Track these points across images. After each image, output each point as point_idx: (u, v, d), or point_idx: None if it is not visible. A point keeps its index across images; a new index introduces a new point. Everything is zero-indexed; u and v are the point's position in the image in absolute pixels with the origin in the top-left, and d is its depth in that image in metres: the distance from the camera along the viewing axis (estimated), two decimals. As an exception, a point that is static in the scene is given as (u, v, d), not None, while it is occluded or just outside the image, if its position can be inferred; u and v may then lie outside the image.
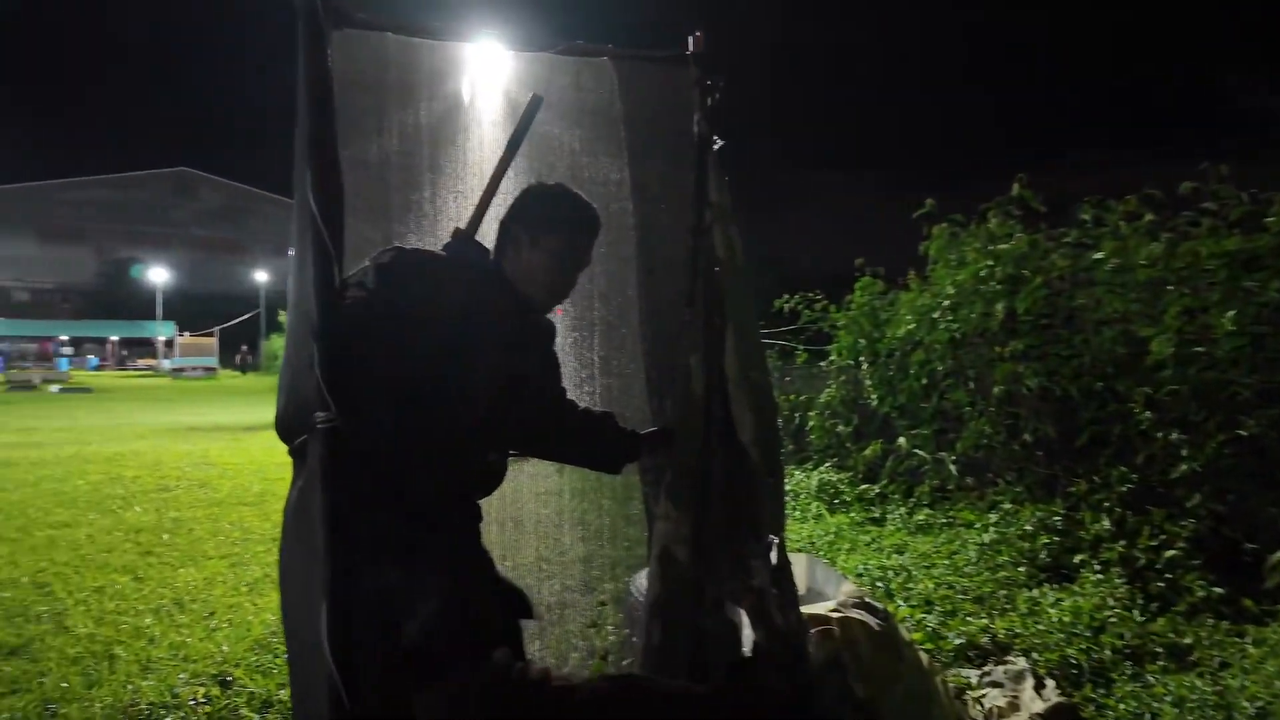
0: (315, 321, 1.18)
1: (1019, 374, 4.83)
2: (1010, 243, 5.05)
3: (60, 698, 2.83)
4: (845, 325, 6.62)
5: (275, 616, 3.63)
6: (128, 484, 7.16)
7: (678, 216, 2.26)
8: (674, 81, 2.28)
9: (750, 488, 2.19)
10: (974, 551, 4.38)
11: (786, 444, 7.41)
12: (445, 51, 2.06)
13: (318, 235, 1.18)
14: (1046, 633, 3.34)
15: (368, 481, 1.41)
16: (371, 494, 1.43)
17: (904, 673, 2.40)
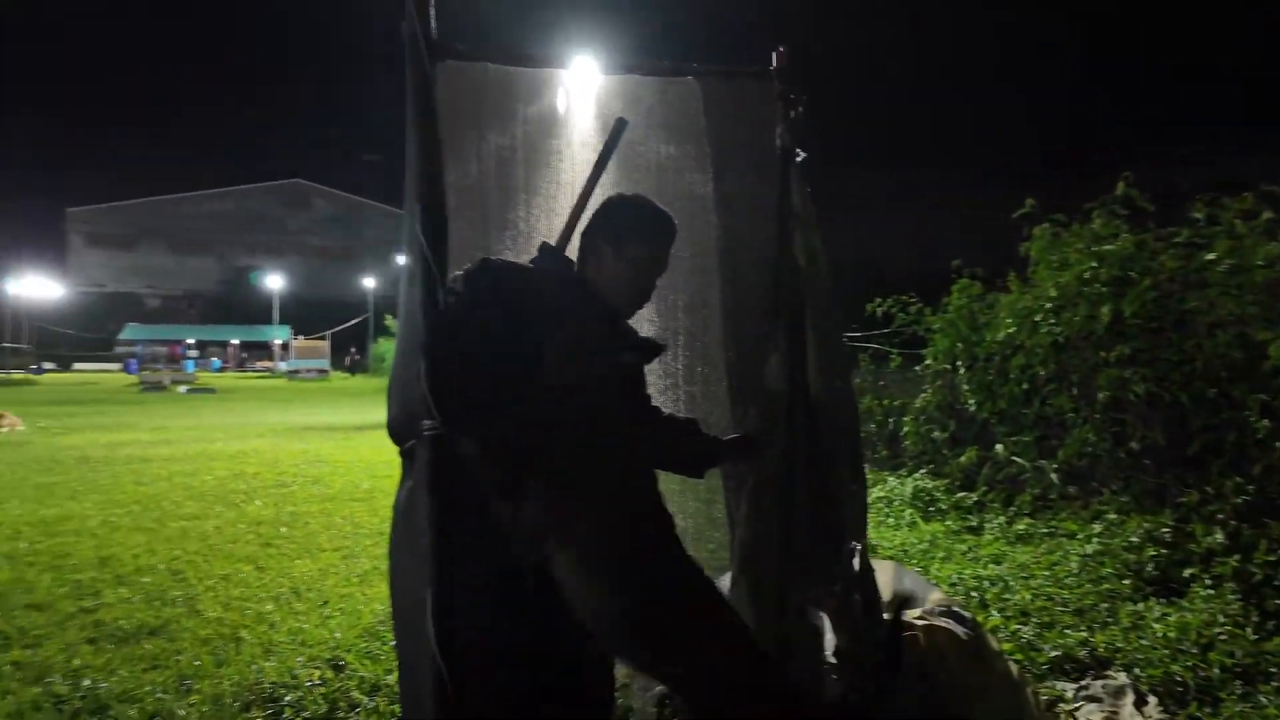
0: (422, 338, 1.30)
1: (1125, 379, 4.65)
2: (1116, 243, 4.86)
3: (194, 674, 3.10)
4: (941, 328, 6.48)
5: (384, 606, 3.86)
6: (249, 480, 7.65)
7: (761, 228, 2.32)
8: (757, 96, 2.34)
9: (833, 494, 2.23)
10: (1075, 563, 4.25)
11: (881, 450, 7.31)
12: (538, 77, 2.18)
13: (425, 263, 1.30)
14: (1150, 648, 3.22)
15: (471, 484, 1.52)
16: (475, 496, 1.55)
17: (992, 683, 2.39)
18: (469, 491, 1.48)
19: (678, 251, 2.41)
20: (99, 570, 4.49)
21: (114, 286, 60.24)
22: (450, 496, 1.28)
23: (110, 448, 10.02)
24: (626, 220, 1.91)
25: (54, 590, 4.11)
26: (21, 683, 3.01)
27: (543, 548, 1.66)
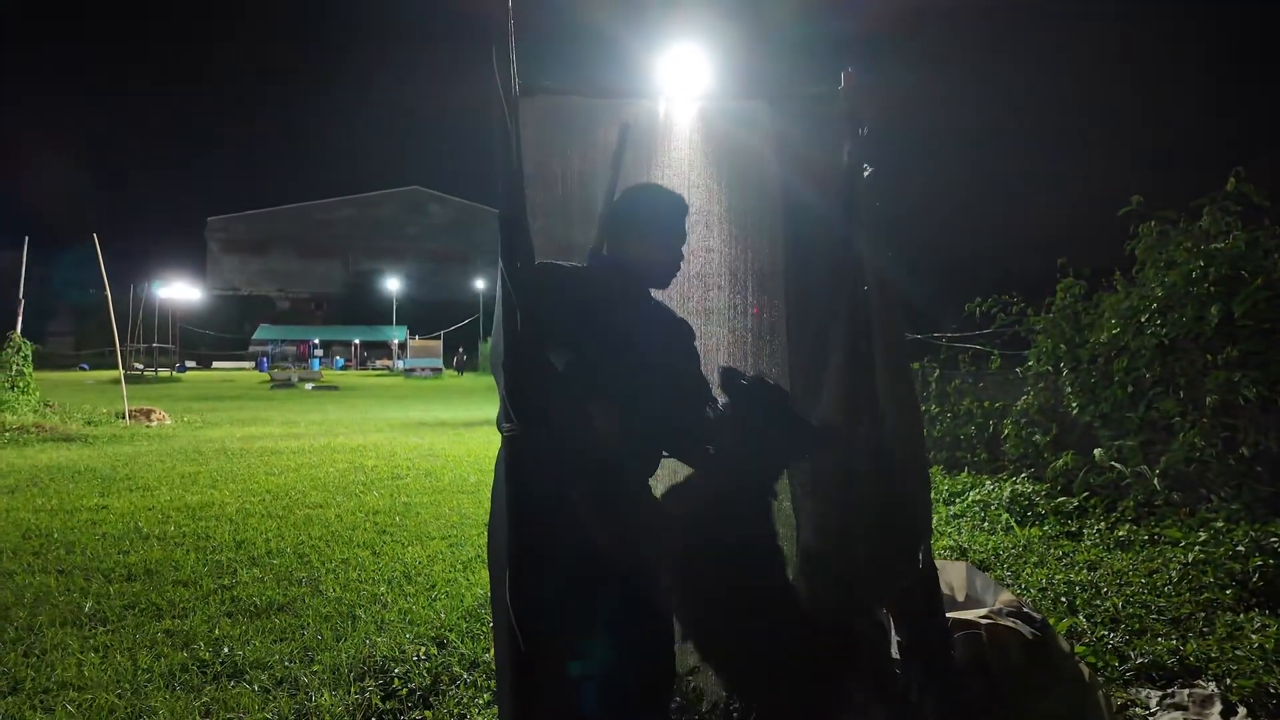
0: (502, 354, 1.52)
1: (1235, 382, 4.48)
2: (1226, 241, 4.68)
3: (316, 647, 3.44)
4: (1044, 329, 6.34)
5: (485, 591, 4.15)
6: (368, 472, 8.19)
7: (828, 239, 2.44)
8: (826, 115, 2.46)
9: (897, 495, 2.33)
10: (1175, 571, 4.14)
11: (980, 453, 7.18)
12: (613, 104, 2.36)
13: (506, 289, 1.51)
14: (1245, 659, 3.15)
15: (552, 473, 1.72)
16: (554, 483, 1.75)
17: (1059, 683, 2.43)
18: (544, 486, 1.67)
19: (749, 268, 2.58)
20: (235, 552, 4.97)
21: (248, 289, 64.48)
22: (525, 489, 1.48)
23: (245, 440, 10.87)
24: (640, 209, 2.18)
25: (197, 568, 4.58)
26: (172, 648, 3.42)
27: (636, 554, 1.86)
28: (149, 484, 7.30)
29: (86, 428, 12.04)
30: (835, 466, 2.34)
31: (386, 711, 2.87)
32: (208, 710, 2.86)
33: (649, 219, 2.16)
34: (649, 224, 2.15)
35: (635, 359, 2.05)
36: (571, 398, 1.83)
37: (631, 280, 2.16)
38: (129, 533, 5.41)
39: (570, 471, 1.77)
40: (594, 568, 1.79)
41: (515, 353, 1.53)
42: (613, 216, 2.19)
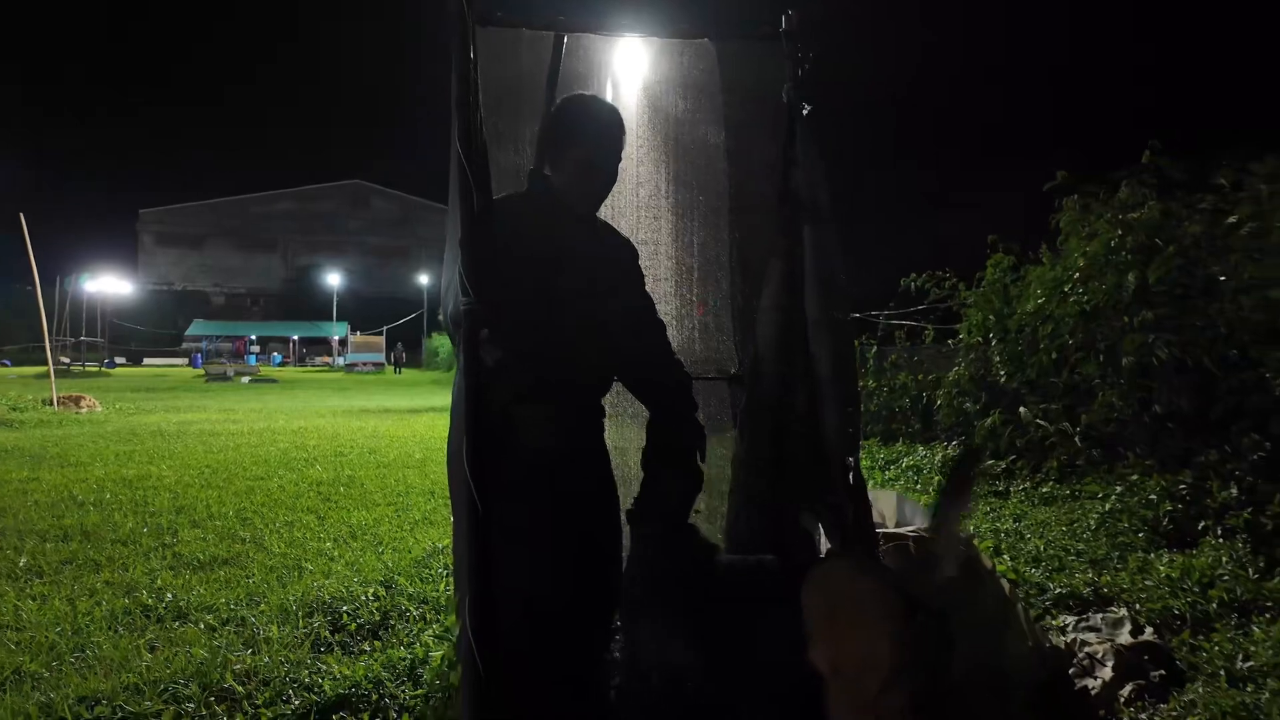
0: (460, 234, 1.58)
1: (1151, 345, 4.75)
2: (1142, 211, 4.95)
3: (262, 592, 3.44)
4: (975, 302, 6.60)
5: (433, 544, 4.18)
6: (310, 450, 8.10)
7: (768, 175, 2.55)
8: (769, 55, 2.57)
9: (828, 415, 2.45)
10: (1094, 520, 4.38)
11: (915, 424, 7.44)
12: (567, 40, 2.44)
13: (463, 173, 1.58)
14: (1153, 588, 3.37)
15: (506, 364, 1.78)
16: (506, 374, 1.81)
17: (981, 594, 2.58)
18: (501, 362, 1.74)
19: (694, 196, 2.68)
20: (175, 516, 4.91)
21: (182, 284, 62.59)
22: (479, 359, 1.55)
23: (182, 424, 10.63)
24: (569, 122, 2.09)
25: (136, 529, 4.52)
26: (113, 596, 3.39)
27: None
28: (82, 461, 7.12)
29: (11, 413, 11.61)
30: (771, 387, 2.45)
31: (336, 643, 2.90)
32: (152, 646, 2.85)
33: (583, 129, 2.08)
34: (583, 134, 2.07)
35: (580, 281, 2.11)
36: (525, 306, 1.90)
37: (573, 198, 2.11)
38: (63, 500, 5.30)
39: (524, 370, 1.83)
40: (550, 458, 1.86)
41: (471, 235, 1.60)
42: (547, 131, 2.15)
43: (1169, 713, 2.39)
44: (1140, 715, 2.38)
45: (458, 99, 1.69)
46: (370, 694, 2.43)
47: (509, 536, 1.64)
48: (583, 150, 2.06)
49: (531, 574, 1.75)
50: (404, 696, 2.41)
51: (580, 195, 2.11)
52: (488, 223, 1.65)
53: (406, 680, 2.51)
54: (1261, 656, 2.70)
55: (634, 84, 2.56)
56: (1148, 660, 2.73)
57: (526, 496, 1.75)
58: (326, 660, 2.70)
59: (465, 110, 1.65)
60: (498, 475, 1.58)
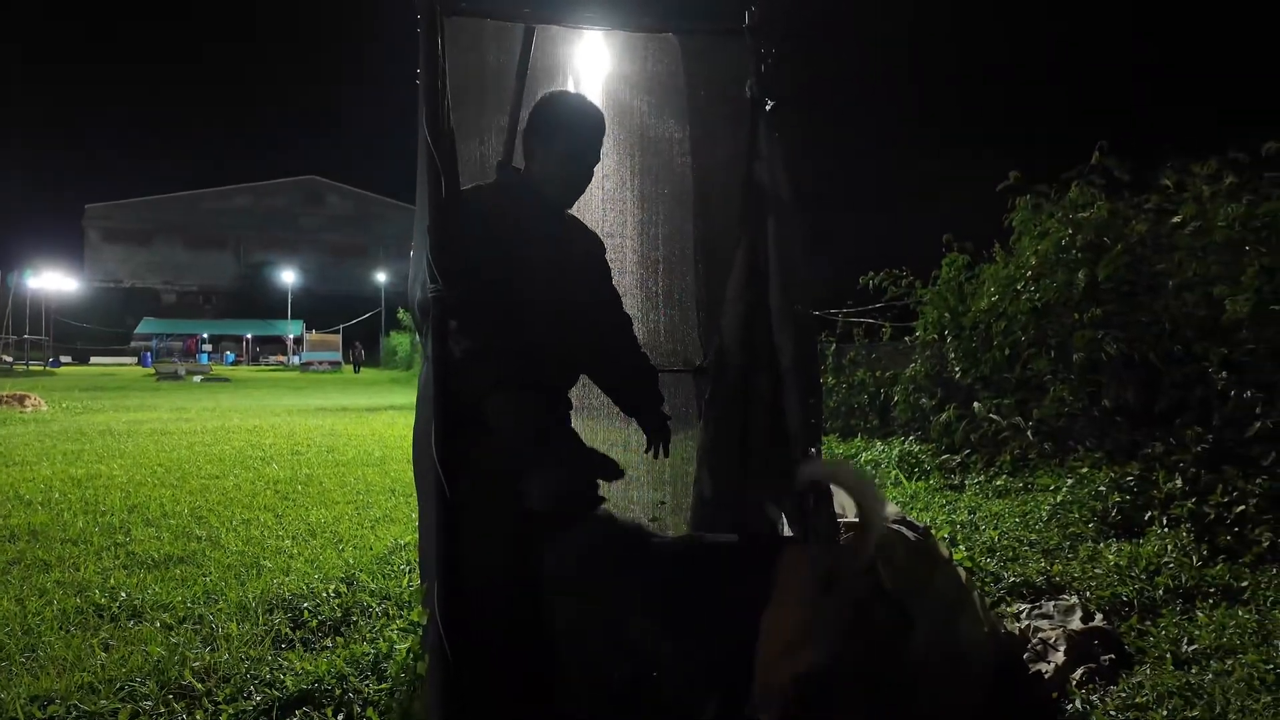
0: (428, 219, 1.58)
1: (1099, 341, 4.88)
2: (1091, 211, 5.09)
3: (220, 590, 3.39)
4: (931, 300, 6.72)
5: (395, 541, 4.15)
6: (266, 448, 7.97)
7: (732, 169, 2.58)
8: (733, 50, 2.60)
9: (790, 405, 2.49)
10: (1046, 511, 4.49)
11: (872, 420, 7.55)
12: (532, 32, 2.44)
13: (430, 160, 1.58)
14: (1103, 576, 3.47)
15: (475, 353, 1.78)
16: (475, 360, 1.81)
17: (938, 580, 2.64)
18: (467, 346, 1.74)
19: (657, 194, 2.70)
20: (128, 515, 4.79)
21: (131, 281, 61.03)
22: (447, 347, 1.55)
23: (132, 424, 10.37)
24: (550, 118, 2.12)
25: (88, 528, 4.41)
26: (64, 595, 3.30)
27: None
28: (27, 460, 6.92)
29: (-49, 413, 11.25)
30: (735, 378, 2.48)
31: (297, 639, 2.86)
32: (106, 645, 2.79)
33: (569, 124, 2.11)
34: (569, 130, 2.10)
35: (551, 272, 2.12)
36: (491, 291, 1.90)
37: (551, 191, 2.14)
38: (8, 499, 5.15)
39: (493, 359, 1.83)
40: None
41: (438, 221, 1.60)
42: (531, 124, 2.16)
43: (1118, 694, 2.47)
44: (1092, 697, 2.46)
45: (426, 87, 1.69)
46: (334, 689, 2.41)
47: (478, 525, 1.64)
48: (567, 145, 2.10)
49: (500, 562, 1.76)
50: (368, 691, 2.39)
51: (560, 188, 2.15)
52: (455, 210, 1.65)
53: (371, 675, 2.49)
54: (1205, 640, 2.80)
55: (599, 77, 2.57)
56: (1098, 645, 2.81)
57: (495, 485, 1.75)
58: (288, 657, 2.66)
59: (434, 98, 1.65)
60: (466, 464, 1.59)
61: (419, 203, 2.02)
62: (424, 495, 2.00)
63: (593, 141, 2.18)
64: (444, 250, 1.57)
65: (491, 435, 1.75)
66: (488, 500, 1.70)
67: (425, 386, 1.91)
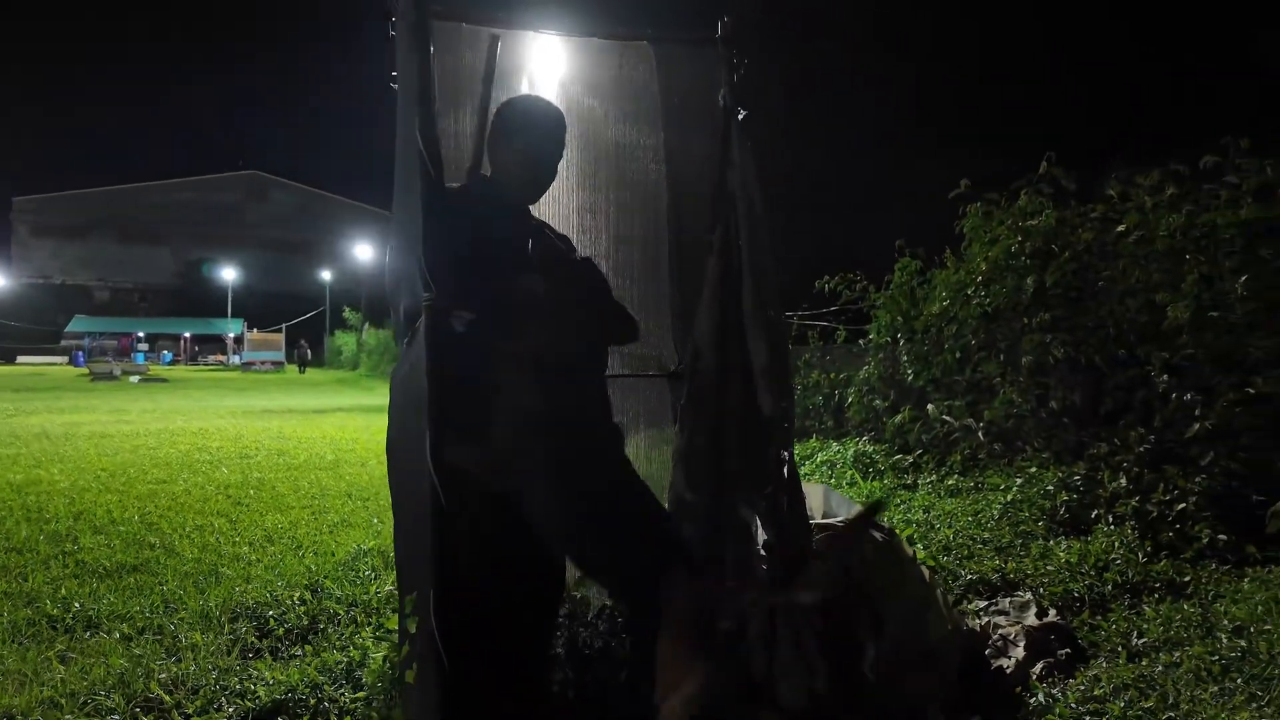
0: (421, 229, 1.58)
1: (1047, 344, 5.04)
2: (1040, 219, 5.26)
3: (178, 599, 3.31)
4: (884, 304, 6.86)
5: (357, 546, 4.09)
6: (213, 452, 7.78)
7: (705, 176, 2.62)
8: (706, 59, 2.64)
9: (764, 409, 2.54)
10: (997, 510, 4.62)
11: (827, 420, 7.68)
12: (507, 37, 2.45)
13: (424, 167, 1.57)
14: (1054, 573, 3.60)
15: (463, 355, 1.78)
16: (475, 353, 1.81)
17: (906, 579, 2.71)
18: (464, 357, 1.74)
19: (629, 201, 2.72)
20: (74, 522, 4.65)
21: (62, 278, 58.81)
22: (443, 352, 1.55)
23: (69, 426, 10.03)
24: (511, 119, 2.18)
25: (33, 537, 4.26)
26: (13, 607, 3.19)
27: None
28: (-41, 466, 6.65)
29: (-128, 416, 10.74)
30: (709, 382, 2.52)
31: (265, 648, 2.82)
32: (64, 658, 2.71)
33: (526, 123, 2.16)
34: (526, 128, 2.15)
35: (529, 274, 2.13)
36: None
37: (514, 191, 2.17)
38: (-56, 508, 4.94)
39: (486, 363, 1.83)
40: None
41: (433, 229, 1.60)
42: (491, 126, 2.20)
43: (1076, 687, 2.57)
44: (1053, 691, 2.55)
45: (417, 90, 1.68)
46: (308, 698, 2.38)
47: (469, 531, 1.65)
48: (527, 143, 2.14)
49: (490, 568, 1.76)
50: (344, 699, 2.37)
51: (522, 186, 2.19)
52: (445, 218, 1.65)
53: (346, 683, 2.46)
54: (1153, 633, 2.92)
55: (572, 83, 2.59)
56: (1054, 640, 2.92)
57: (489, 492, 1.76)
58: (257, 666, 2.63)
59: (426, 104, 1.64)
60: (459, 472, 1.59)
61: (398, 206, 2.01)
62: (403, 503, 1.99)
63: (552, 138, 2.22)
64: (438, 259, 1.57)
65: (485, 443, 1.75)
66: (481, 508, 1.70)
67: (406, 392, 1.90)
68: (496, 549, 1.79)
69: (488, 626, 1.72)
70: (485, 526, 1.74)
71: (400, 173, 2.01)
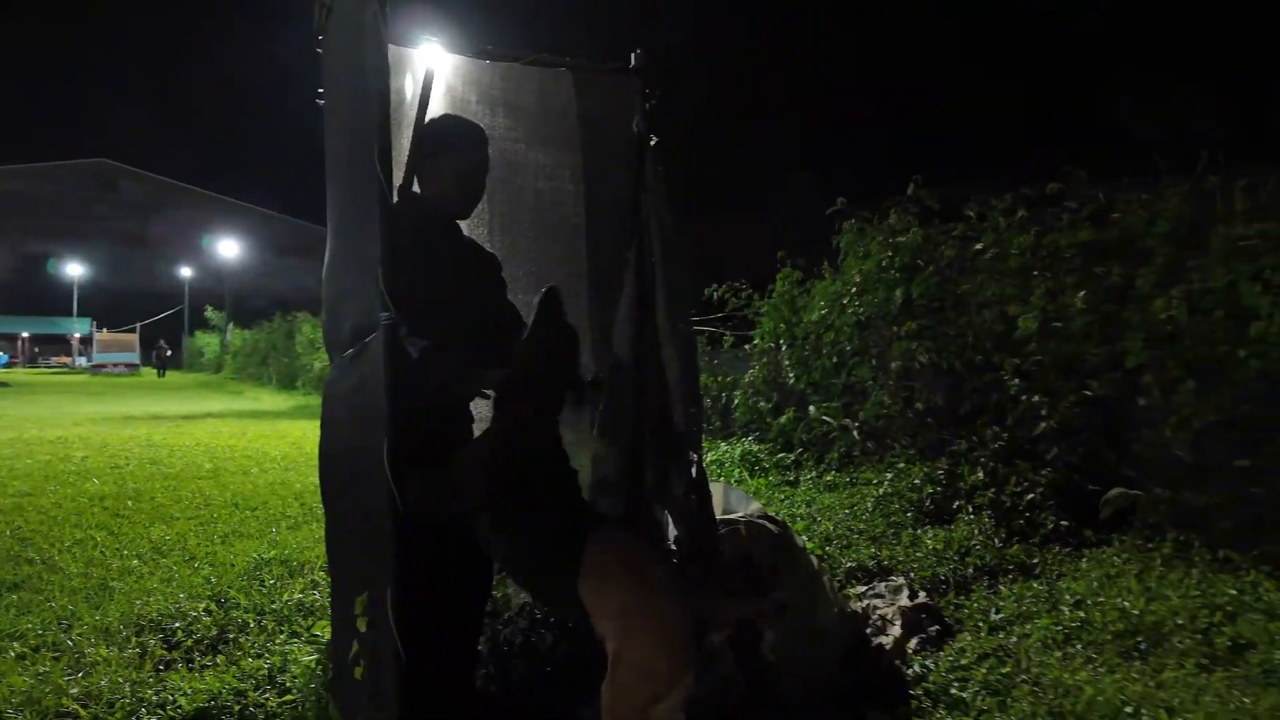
0: (380, 249, 1.68)
1: (913, 351, 5.50)
2: (907, 236, 5.73)
3: (71, 615, 3.21)
4: (767, 312, 7.25)
5: (258, 556, 4.04)
6: (78, 463, 7.35)
7: (620, 197, 2.80)
8: (620, 88, 2.83)
9: (675, 415, 2.75)
10: (871, 503, 5.03)
11: (715, 421, 8.02)
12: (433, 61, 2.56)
13: (382, 191, 1.68)
14: (922, 559, 3.98)
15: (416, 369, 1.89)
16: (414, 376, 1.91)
17: (798, 568, 2.98)
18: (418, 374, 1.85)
19: (549, 219, 2.87)
20: (-65, 539, 4.37)
21: (-128, 271, 52.96)
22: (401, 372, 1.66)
23: (-98, 436, 9.20)
24: (434, 140, 2.32)
25: (-112, 557, 3.99)
26: (-119, 633, 3.02)
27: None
28: None
29: None
30: (626, 391, 2.71)
31: (176, 659, 2.80)
32: (-43, 679, 2.61)
33: (455, 141, 2.29)
34: (455, 146, 2.29)
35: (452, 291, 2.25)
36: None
37: (446, 207, 2.30)
38: None
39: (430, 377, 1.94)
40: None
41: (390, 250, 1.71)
42: (421, 146, 2.33)
43: (946, 659, 2.90)
44: (927, 662, 2.87)
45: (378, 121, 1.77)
46: (232, 705, 2.41)
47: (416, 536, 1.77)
48: (454, 163, 2.28)
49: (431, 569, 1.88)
50: (270, 704, 2.41)
51: (453, 202, 2.33)
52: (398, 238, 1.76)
53: (270, 688, 2.50)
54: (1008, 610, 3.32)
55: (499, 105, 2.72)
56: (925, 618, 3.27)
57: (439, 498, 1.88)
58: (172, 677, 2.62)
59: (385, 130, 1.75)
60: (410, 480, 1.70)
61: (338, 223, 2.09)
62: (345, 511, 2.08)
63: (476, 155, 2.37)
64: (394, 278, 1.68)
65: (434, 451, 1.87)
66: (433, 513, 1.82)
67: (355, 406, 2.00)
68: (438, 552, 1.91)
69: (430, 624, 1.84)
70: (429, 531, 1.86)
71: (337, 190, 2.10)
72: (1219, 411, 3.95)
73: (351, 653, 1.76)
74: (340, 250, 2.02)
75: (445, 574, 1.94)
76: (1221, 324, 3.97)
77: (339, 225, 2.05)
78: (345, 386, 1.94)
